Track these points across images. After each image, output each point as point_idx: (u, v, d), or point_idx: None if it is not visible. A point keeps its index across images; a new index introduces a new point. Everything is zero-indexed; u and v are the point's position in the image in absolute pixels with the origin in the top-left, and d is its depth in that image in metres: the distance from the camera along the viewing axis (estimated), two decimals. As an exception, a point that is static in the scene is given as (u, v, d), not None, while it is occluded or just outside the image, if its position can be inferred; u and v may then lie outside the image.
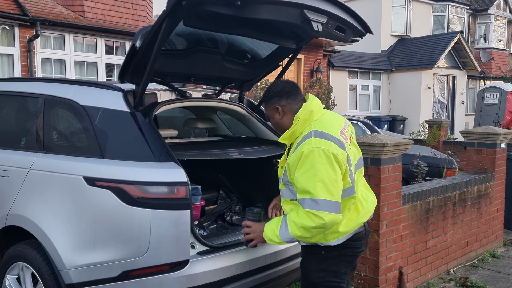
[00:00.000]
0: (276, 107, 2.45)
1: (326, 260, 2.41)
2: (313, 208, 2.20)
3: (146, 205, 2.39)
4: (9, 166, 2.95)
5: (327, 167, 2.21)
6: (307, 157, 2.23)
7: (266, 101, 2.50)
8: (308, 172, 2.22)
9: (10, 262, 2.83)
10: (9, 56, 8.76)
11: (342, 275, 2.45)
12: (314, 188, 2.19)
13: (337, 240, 2.38)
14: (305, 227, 2.23)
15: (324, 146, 2.24)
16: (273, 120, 2.51)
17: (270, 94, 2.48)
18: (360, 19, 2.92)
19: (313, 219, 2.20)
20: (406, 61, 16.63)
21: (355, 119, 8.06)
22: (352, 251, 2.46)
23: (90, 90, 2.94)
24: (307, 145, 2.26)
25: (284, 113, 2.44)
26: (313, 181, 2.20)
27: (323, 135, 2.29)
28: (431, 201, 4.48)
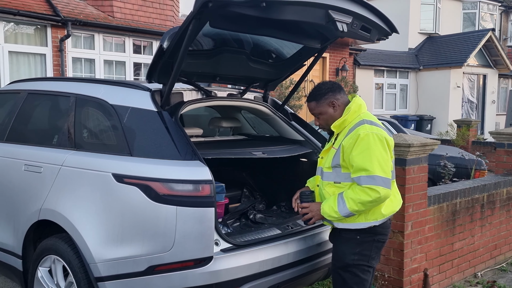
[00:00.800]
0: (332, 101, 2.71)
1: (361, 244, 2.64)
2: (370, 183, 2.47)
3: (172, 202, 2.46)
4: (42, 163, 3.06)
5: (380, 148, 2.51)
6: (363, 139, 2.51)
7: (319, 99, 2.73)
8: (364, 152, 2.49)
9: (42, 255, 2.94)
10: (41, 56, 9.04)
11: (372, 260, 2.69)
12: (370, 165, 2.47)
13: (374, 221, 2.61)
14: (362, 202, 2.49)
15: (377, 131, 2.55)
16: (326, 115, 2.73)
17: (323, 91, 2.73)
18: (386, 18, 2.90)
19: (369, 193, 2.46)
20: (435, 60, 16.31)
21: (380, 119, 7.96)
22: (382, 238, 2.70)
23: (119, 89, 3.02)
24: (362, 130, 2.54)
25: (338, 106, 2.72)
26: (369, 159, 2.48)
27: (374, 123, 2.61)
28: (458, 203, 4.41)
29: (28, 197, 3.08)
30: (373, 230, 2.64)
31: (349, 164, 2.56)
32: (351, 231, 2.63)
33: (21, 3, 8.58)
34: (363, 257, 2.63)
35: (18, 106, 3.59)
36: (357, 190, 2.49)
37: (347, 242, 2.66)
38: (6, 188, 3.28)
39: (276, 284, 2.72)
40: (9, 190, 3.25)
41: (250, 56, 3.31)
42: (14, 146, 3.41)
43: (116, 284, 2.55)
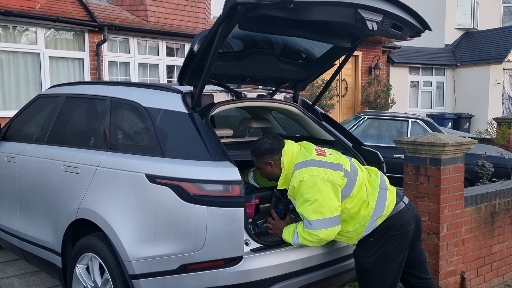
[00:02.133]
0: (269, 161, 2.79)
1: (375, 245, 2.67)
2: (309, 228, 2.59)
3: (203, 202, 2.50)
4: (80, 164, 3.18)
5: (312, 190, 2.57)
6: (298, 189, 2.63)
7: (258, 157, 2.82)
8: (299, 200, 2.63)
9: (80, 252, 3.05)
10: (79, 60, 9.36)
11: (396, 253, 2.68)
12: (306, 212, 2.59)
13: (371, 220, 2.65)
14: (307, 240, 2.61)
15: (306, 174, 2.61)
16: (264, 171, 2.85)
17: (262, 151, 2.80)
18: (418, 15, 2.85)
19: (311, 236, 2.59)
20: (473, 56, 15.80)
21: (414, 118, 7.80)
22: (399, 229, 2.68)
23: (152, 92, 3.10)
24: (294, 180, 2.65)
25: (276, 165, 2.79)
26: (304, 207, 2.60)
27: (303, 164, 2.66)
28: (497, 204, 4.27)
29: (67, 197, 3.20)
30: (384, 227, 2.66)
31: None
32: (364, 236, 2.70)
33: (60, 10, 8.91)
34: (381, 255, 2.66)
35: (57, 109, 3.74)
36: (303, 230, 2.62)
37: (361, 246, 2.73)
38: (46, 188, 3.43)
39: (306, 285, 2.72)
40: (50, 190, 3.39)
41: (279, 56, 3.32)
42: (54, 148, 3.55)
43: (150, 282, 2.62)
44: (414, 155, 3.86)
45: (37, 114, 4.10)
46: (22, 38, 8.67)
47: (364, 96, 13.07)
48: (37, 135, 3.84)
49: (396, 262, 2.71)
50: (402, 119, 7.80)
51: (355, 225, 2.67)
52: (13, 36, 8.55)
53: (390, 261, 2.68)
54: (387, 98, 13.08)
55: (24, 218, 3.68)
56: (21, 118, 4.27)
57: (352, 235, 2.70)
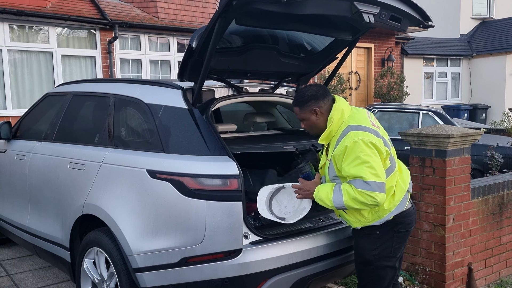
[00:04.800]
0: (314, 109, 2.65)
1: (381, 238, 2.65)
2: (365, 188, 2.46)
3: (202, 196, 2.54)
4: (85, 160, 3.25)
5: (368, 153, 2.48)
6: (351, 149, 2.49)
7: (301, 105, 2.68)
8: (354, 161, 2.48)
9: (87, 247, 3.13)
10: (91, 58, 9.49)
11: (396, 251, 2.69)
12: (363, 172, 2.46)
13: (389, 214, 2.62)
14: (357, 200, 2.48)
15: (363, 137, 2.51)
16: (309, 121, 2.70)
17: (305, 98, 2.67)
18: (417, 7, 2.82)
19: (366, 197, 2.46)
20: (489, 45, 15.52)
21: (425, 110, 7.72)
22: (404, 227, 2.69)
23: (154, 89, 3.15)
24: (348, 139, 2.51)
25: (321, 113, 2.66)
26: (361, 167, 2.47)
27: (359, 128, 2.55)
28: (505, 195, 4.23)
29: (73, 193, 3.28)
30: (392, 222, 2.63)
31: (342, 175, 2.57)
32: (371, 226, 2.64)
33: (72, 8, 9.04)
34: (384, 249, 2.64)
35: (64, 107, 3.83)
36: (354, 190, 2.48)
37: (367, 238, 2.67)
38: (54, 185, 3.52)
39: (307, 277, 2.75)
40: (58, 186, 3.48)
41: (280, 51, 3.33)
42: (61, 145, 3.64)
43: (152, 275, 2.68)
44: (419, 147, 3.84)
45: (45, 112, 4.20)
46: (34, 37, 8.84)
47: (377, 89, 12.96)
48: (46, 132, 3.93)
49: (396, 259, 2.71)
50: (413, 111, 7.73)
51: (373, 214, 2.61)
52: (26, 36, 8.72)
53: (391, 257, 2.68)
54: (401, 90, 12.94)
55: (34, 215, 3.78)
56: (31, 117, 4.38)
57: (362, 220, 2.63)
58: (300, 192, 2.73)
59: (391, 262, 2.68)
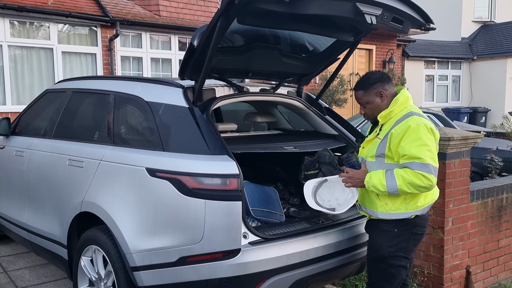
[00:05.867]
0: (380, 91, 2.70)
1: (398, 236, 2.65)
2: (423, 170, 2.48)
3: (201, 195, 2.53)
4: (84, 158, 3.23)
5: (430, 138, 2.55)
6: (414, 130, 2.53)
7: (367, 88, 2.72)
8: (415, 142, 2.52)
9: (85, 245, 3.12)
10: (92, 55, 9.46)
11: (410, 252, 2.71)
12: (423, 154, 2.49)
13: (415, 211, 2.63)
14: (413, 184, 2.49)
15: (426, 123, 2.58)
16: (373, 104, 2.72)
17: (372, 80, 2.72)
18: (419, 9, 2.82)
19: (422, 179, 2.48)
20: (490, 49, 15.51)
21: (427, 112, 7.71)
22: (421, 230, 2.71)
23: (154, 87, 3.13)
24: (412, 121, 2.57)
25: (386, 97, 2.71)
26: (422, 149, 2.50)
27: (422, 115, 2.64)
28: (504, 198, 4.22)
29: (71, 190, 3.26)
30: (411, 222, 2.64)
31: (395, 154, 2.57)
32: (390, 222, 2.65)
33: (73, 5, 9.02)
34: (400, 249, 2.65)
35: (64, 104, 3.81)
36: (409, 172, 2.49)
37: (384, 234, 2.67)
38: (53, 182, 3.50)
39: (305, 277, 2.73)
40: (56, 183, 3.46)
41: (282, 51, 3.32)
42: (60, 142, 3.62)
43: (150, 273, 2.67)
44: (420, 149, 3.83)
45: (45, 108, 4.19)
46: (35, 34, 8.81)
47: (377, 90, 12.95)
48: (44, 129, 3.92)
49: (408, 260, 2.71)
50: (413, 113, 7.71)
51: (401, 204, 2.60)
52: (26, 32, 8.70)
53: (404, 257, 2.68)
54: (401, 92, 12.93)
55: (32, 211, 3.77)
56: (30, 113, 4.36)
57: (389, 205, 2.62)
58: (350, 181, 2.71)
59: (404, 262, 2.69)
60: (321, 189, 2.86)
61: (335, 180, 2.84)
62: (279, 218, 3.08)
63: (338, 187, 2.82)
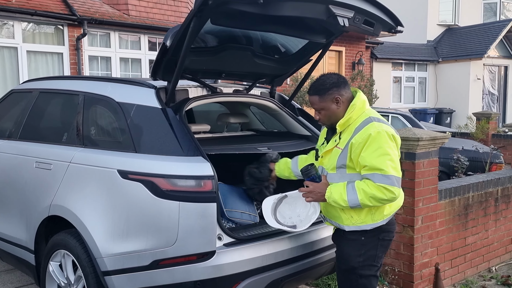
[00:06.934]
0: (336, 97, 2.55)
1: (366, 245, 2.56)
2: (385, 182, 2.37)
3: (175, 197, 2.49)
4: (52, 160, 3.14)
5: (391, 146, 2.44)
6: (375, 139, 2.41)
7: (322, 93, 2.56)
8: (377, 151, 2.40)
9: (53, 250, 3.03)
10: (59, 55, 9.22)
11: (380, 259, 2.62)
12: (384, 165, 2.38)
13: (382, 221, 2.55)
14: (375, 197, 2.39)
15: (387, 129, 2.46)
16: (328, 111, 2.58)
17: (327, 85, 2.56)
18: (390, 12, 2.87)
19: (384, 192, 2.37)
20: (454, 52, 16.01)
21: (395, 113, 7.89)
22: (388, 235, 2.63)
23: (125, 87, 3.07)
24: (372, 128, 2.44)
25: (342, 102, 2.57)
26: (383, 159, 2.39)
27: (381, 121, 2.52)
28: (470, 197, 4.35)
29: (39, 194, 3.17)
30: (377, 229, 2.55)
31: (356, 164, 2.46)
32: (356, 232, 2.55)
33: (38, 3, 8.76)
34: (369, 257, 2.56)
35: (30, 105, 3.69)
36: (371, 185, 2.38)
37: (351, 244, 2.57)
38: (19, 185, 3.39)
39: (280, 278, 2.74)
40: (22, 186, 3.35)
41: (255, 52, 3.32)
42: (27, 144, 3.51)
43: (122, 278, 2.61)
44: (389, 149, 3.90)
45: (10, 109, 4.04)
46: (-1, 32, 8.53)
47: (347, 91, 13.14)
48: (10, 130, 3.78)
49: (377, 269, 2.62)
50: (382, 114, 7.87)
51: (367, 215, 2.51)
52: (-10, 30, 8.41)
53: (374, 266, 2.59)
54: (370, 93, 13.17)
55: (-3, 216, 3.63)
56: (-6, 114, 4.20)
57: (354, 218, 2.52)
58: (311, 195, 2.58)
59: (374, 271, 2.59)
60: (281, 206, 2.73)
61: (295, 195, 2.70)
62: (253, 219, 3.08)
63: (299, 203, 2.69)
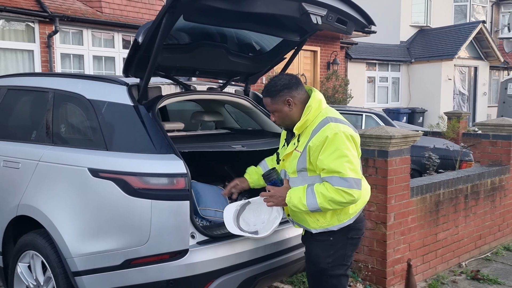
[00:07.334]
0: (287, 99, 2.50)
1: (335, 245, 2.53)
2: (344, 185, 2.34)
3: (147, 195, 2.46)
4: (20, 159, 3.06)
5: (349, 148, 2.38)
6: (332, 141, 2.37)
7: (273, 95, 2.51)
8: (334, 153, 2.36)
9: (22, 250, 2.95)
10: (29, 52, 8.99)
11: (349, 258, 2.60)
12: (342, 167, 2.34)
13: (349, 220, 2.52)
14: (334, 201, 2.36)
15: (344, 129, 2.40)
16: (281, 113, 2.53)
17: (278, 87, 2.50)
18: (362, 11, 2.90)
19: (343, 195, 2.34)
20: (426, 52, 16.35)
21: (368, 112, 8.00)
22: (357, 233, 2.60)
23: (97, 84, 3.02)
24: (329, 130, 2.39)
25: (295, 104, 2.51)
26: (340, 162, 2.35)
27: (338, 120, 2.45)
28: (441, 194, 4.45)
29: (7, 193, 3.08)
30: (345, 228, 2.52)
31: (316, 167, 2.43)
32: (324, 233, 2.52)
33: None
34: (338, 257, 2.53)
35: (-2, 102, 3.59)
36: (330, 189, 2.36)
37: (320, 245, 2.54)
38: (-14, 185, 3.28)
39: (254, 276, 2.74)
40: (-11, 186, 3.25)
41: (229, 49, 3.30)
42: (-6, 143, 3.40)
43: (93, 278, 2.56)
44: (363, 147, 3.93)
45: (-23, 107, 3.91)
46: (-35, 28, 8.27)
47: (323, 91, 13.24)
48: (-24, 129, 3.66)
49: (347, 268, 2.59)
50: (356, 113, 7.98)
51: (333, 217, 2.48)
52: (-44, 26, 8.13)
53: (344, 265, 2.56)
54: (345, 93, 13.32)
55: (-38, 216, 3.51)
56: (-40, 112, 4.06)
57: (320, 220, 2.49)
58: (272, 200, 2.55)
59: (343, 270, 2.56)
60: (245, 212, 2.69)
61: (259, 201, 2.66)
62: None
63: (263, 208, 2.65)
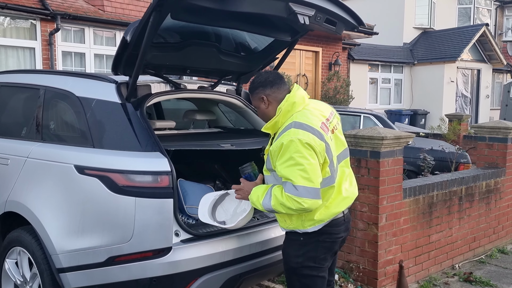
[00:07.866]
0: (261, 96, 2.51)
1: (305, 246, 2.48)
2: (293, 193, 2.31)
3: (131, 193, 2.47)
4: (9, 155, 3.08)
5: (305, 155, 2.30)
6: (287, 148, 2.32)
7: (251, 92, 2.57)
8: (288, 161, 2.32)
9: (9, 247, 2.97)
10: (31, 50, 9.02)
11: (321, 261, 2.51)
12: (293, 176, 2.30)
13: (313, 227, 2.46)
14: (285, 206, 2.34)
15: (302, 137, 2.32)
16: (259, 110, 2.58)
17: (254, 84, 2.55)
18: (351, 11, 2.89)
19: (292, 202, 2.31)
20: (429, 54, 16.30)
21: (367, 113, 7.98)
22: (330, 237, 2.52)
23: (86, 81, 3.03)
24: (286, 136, 2.35)
25: (270, 102, 2.50)
26: (292, 170, 2.31)
27: (302, 126, 2.37)
28: (435, 195, 4.43)
29: (-4, 189, 3.10)
30: (316, 232, 2.47)
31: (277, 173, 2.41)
32: (296, 232, 2.49)
33: (9, -4, 8.56)
34: (308, 258, 2.47)
35: (-11, 99, 3.61)
36: (282, 193, 2.34)
37: (291, 244, 2.52)
38: (-24, 180, 3.30)
39: (239, 274, 2.73)
40: (-21, 182, 3.26)
41: (220, 48, 3.31)
42: (-15, 139, 3.42)
43: (77, 275, 2.57)
44: (355, 148, 3.94)
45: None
46: (-33, 26, 8.31)
47: (324, 92, 13.24)
48: (-32, 125, 3.69)
49: (322, 270, 2.52)
50: (354, 114, 7.96)
51: (297, 221, 2.45)
52: (-43, 23, 8.18)
53: (316, 267, 2.49)
54: (346, 93, 13.29)
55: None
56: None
57: (287, 222, 2.49)
58: (240, 193, 2.60)
59: (317, 272, 2.49)
60: (225, 202, 2.72)
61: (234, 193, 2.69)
62: None
63: (237, 200, 2.68)
